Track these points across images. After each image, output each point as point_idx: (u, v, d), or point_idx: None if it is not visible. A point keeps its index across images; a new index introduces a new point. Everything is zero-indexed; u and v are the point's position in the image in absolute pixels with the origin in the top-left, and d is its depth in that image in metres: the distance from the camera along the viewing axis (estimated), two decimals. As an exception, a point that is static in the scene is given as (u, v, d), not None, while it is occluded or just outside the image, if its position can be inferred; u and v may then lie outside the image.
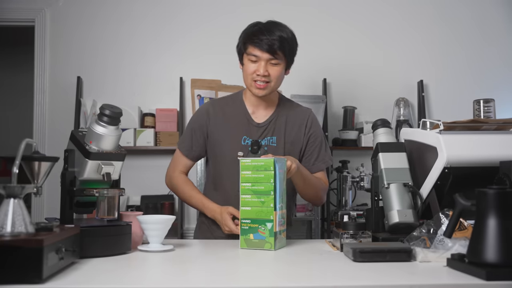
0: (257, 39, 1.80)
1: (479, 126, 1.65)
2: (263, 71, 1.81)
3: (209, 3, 3.69)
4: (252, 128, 1.91)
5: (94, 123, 1.45)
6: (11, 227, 1.10)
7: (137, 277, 1.21)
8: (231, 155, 1.88)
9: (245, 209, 1.55)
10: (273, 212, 1.51)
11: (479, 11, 3.77)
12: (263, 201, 1.53)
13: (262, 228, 1.52)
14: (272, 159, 1.53)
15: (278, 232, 1.54)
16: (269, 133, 1.91)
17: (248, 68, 1.84)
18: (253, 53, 1.81)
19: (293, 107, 2.01)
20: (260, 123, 1.92)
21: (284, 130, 1.93)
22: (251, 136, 1.90)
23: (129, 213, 1.58)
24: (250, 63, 1.83)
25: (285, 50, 1.82)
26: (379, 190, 1.68)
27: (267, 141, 1.90)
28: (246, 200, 1.55)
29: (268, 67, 1.81)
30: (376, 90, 3.67)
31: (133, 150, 3.38)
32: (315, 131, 1.96)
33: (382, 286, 1.12)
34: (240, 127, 1.91)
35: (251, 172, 1.55)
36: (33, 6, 3.66)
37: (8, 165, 5.36)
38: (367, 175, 2.66)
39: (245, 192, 1.56)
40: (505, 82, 3.74)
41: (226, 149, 1.90)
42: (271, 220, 1.51)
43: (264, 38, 1.79)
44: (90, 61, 3.64)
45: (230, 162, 1.87)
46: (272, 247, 1.51)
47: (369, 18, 3.73)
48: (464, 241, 1.32)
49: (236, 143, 1.89)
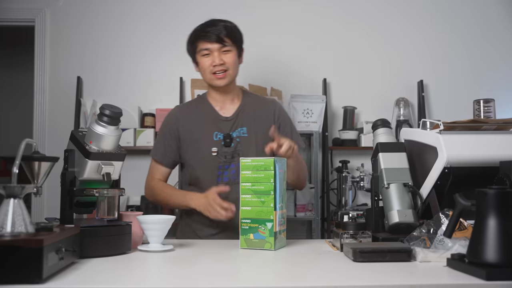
0: (204, 33, 1.92)
1: (479, 126, 1.65)
2: (218, 60, 1.90)
3: (209, 3, 3.69)
4: (221, 123, 1.97)
5: (94, 123, 1.45)
6: (11, 227, 1.10)
7: (137, 277, 1.21)
8: (206, 152, 1.92)
9: (245, 208, 1.55)
10: (273, 212, 1.52)
11: (479, 11, 3.77)
12: (263, 201, 1.53)
13: (262, 228, 1.52)
14: (272, 159, 1.53)
15: (278, 232, 1.54)
16: (239, 125, 1.96)
17: (204, 63, 1.93)
18: (204, 47, 1.91)
19: (259, 99, 2.09)
20: (228, 116, 1.98)
21: (253, 120, 1.98)
22: (222, 131, 1.94)
23: (129, 213, 1.59)
24: (204, 58, 1.93)
25: (232, 37, 1.92)
26: (379, 190, 1.68)
27: (238, 132, 1.95)
28: (246, 200, 1.56)
29: (221, 56, 1.91)
30: (376, 90, 3.67)
31: (133, 150, 3.38)
32: (283, 119, 2.03)
33: (382, 286, 1.12)
34: (210, 124, 1.96)
35: (251, 172, 1.56)
36: (33, 6, 3.65)
37: (8, 165, 5.36)
38: (367, 175, 2.66)
39: (245, 192, 1.56)
40: (505, 82, 3.74)
41: (201, 147, 1.94)
42: (271, 220, 1.51)
43: (210, 29, 1.91)
44: (90, 61, 3.64)
45: (206, 160, 1.92)
46: (272, 247, 1.51)
47: (370, 18, 3.73)
48: (464, 241, 1.32)
49: (209, 140, 1.93)
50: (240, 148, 1.93)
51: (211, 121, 1.97)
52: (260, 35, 3.63)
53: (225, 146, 1.92)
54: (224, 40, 1.91)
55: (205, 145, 1.93)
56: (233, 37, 1.93)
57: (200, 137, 1.95)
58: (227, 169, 1.92)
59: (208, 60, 1.92)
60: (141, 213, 1.58)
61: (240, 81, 3.37)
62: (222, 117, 1.98)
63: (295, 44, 3.68)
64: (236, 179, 1.88)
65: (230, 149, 1.92)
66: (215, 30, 1.90)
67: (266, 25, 3.66)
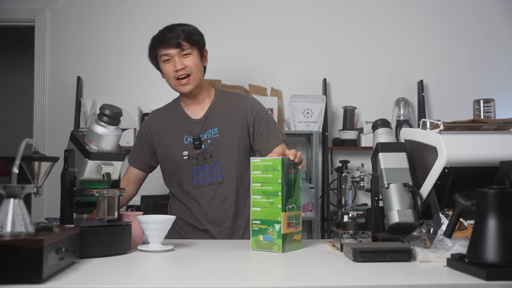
0: (162, 39, 1.92)
1: (479, 126, 1.65)
2: (179, 65, 1.91)
3: (210, 4, 3.69)
4: (191, 125, 1.97)
5: (94, 123, 1.45)
6: (11, 227, 1.10)
7: (137, 277, 1.21)
8: (178, 156, 1.94)
9: (255, 209, 1.54)
10: (281, 213, 1.49)
11: (480, 11, 3.77)
12: (271, 201, 1.50)
13: (271, 230, 1.49)
14: (280, 158, 1.50)
15: (287, 234, 1.50)
16: (209, 126, 1.96)
17: (167, 69, 1.94)
18: (164, 53, 1.92)
19: (230, 96, 2.06)
20: (198, 119, 1.98)
21: (224, 120, 1.97)
22: (192, 133, 1.95)
23: (129, 213, 1.59)
24: (166, 64, 1.94)
25: (190, 40, 1.92)
26: (379, 190, 1.68)
27: (209, 134, 1.95)
28: (256, 200, 1.54)
29: (182, 60, 1.91)
30: (376, 90, 3.67)
31: (133, 150, 3.38)
32: (257, 112, 1.99)
33: (382, 286, 1.12)
34: (180, 128, 1.98)
35: (261, 172, 1.53)
36: (33, 6, 3.65)
37: (8, 165, 5.36)
38: (367, 175, 2.66)
39: (256, 192, 1.54)
40: (505, 82, 3.74)
41: (172, 151, 1.96)
42: (279, 222, 1.48)
43: (168, 35, 1.92)
44: (90, 61, 3.64)
45: (178, 163, 1.94)
46: (279, 249, 1.48)
47: (370, 18, 3.73)
48: (464, 241, 1.32)
49: (180, 144, 1.95)
50: (212, 149, 1.93)
51: (181, 125, 1.99)
52: (259, 35, 3.63)
53: (195, 149, 1.93)
54: (182, 44, 1.90)
55: (176, 149, 1.95)
56: (191, 40, 1.92)
57: (172, 141, 1.97)
58: (200, 171, 1.93)
59: (170, 66, 1.92)
60: (141, 213, 1.57)
61: (240, 81, 3.39)
62: (192, 119, 1.99)
63: (295, 44, 3.67)
64: (210, 181, 1.92)
65: (200, 151, 1.93)
66: (173, 35, 1.91)
67: (266, 25, 3.65)
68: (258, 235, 1.52)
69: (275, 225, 1.48)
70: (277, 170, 1.50)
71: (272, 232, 1.49)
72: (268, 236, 1.50)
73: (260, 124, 1.98)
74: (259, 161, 1.54)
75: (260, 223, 1.52)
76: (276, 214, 1.49)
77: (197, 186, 1.94)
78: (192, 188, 1.94)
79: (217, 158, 1.92)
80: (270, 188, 1.51)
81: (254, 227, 1.53)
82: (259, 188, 1.53)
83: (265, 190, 1.52)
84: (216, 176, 1.92)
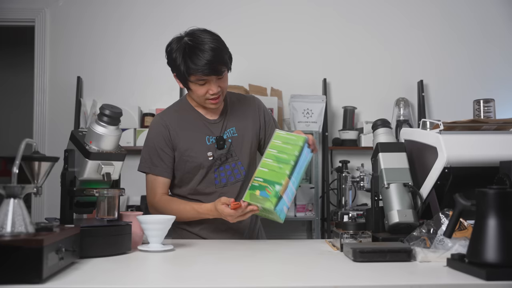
0: (196, 67, 1.74)
1: (479, 126, 1.65)
2: (215, 89, 1.80)
3: (209, 3, 3.69)
4: (210, 126, 1.92)
5: (94, 123, 1.45)
6: (11, 227, 1.10)
7: (137, 277, 1.21)
8: (202, 157, 1.86)
9: (262, 169, 1.61)
10: (286, 178, 1.56)
11: (480, 11, 3.77)
12: (281, 167, 1.59)
13: (270, 189, 1.56)
14: (304, 137, 1.63)
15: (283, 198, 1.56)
16: (228, 126, 1.94)
17: (199, 91, 1.81)
18: (202, 78, 1.77)
19: (239, 97, 2.05)
20: (216, 119, 1.94)
21: (239, 119, 1.96)
22: (213, 134, 1.91)
23: (129, 213, 1.58)
24: (199, 87, 1.80)
25: (224, 61, 1.79)
26: (379, 190, 1.68)
27: (229, 133, 1.93)
28: (267, 163, 1.62)
29: (218, 83, 1.80)
30: (376, 90, 3.67)
31: (133, 150, 3.37)
32: (266, 113, 2.03)
33: (382, 286, 1.12)
34: (200, 129, 1.91)
35: (281, 142, 1.64)
36: (33, 6, 3.65)
37: (8, 165, 5.35)
38: (367, 175, 2.66)
39: (269, 156, 1.63)
40: (506, 82, 3.74)
41: (194, 154, 1.86)
42: (281, 184, 1.56)
43: (200, 62, 1.74)
44: (90, 61, 3.64)
45: (202, 165, 1.86)
46: (272, 206, 1.53)
47: (370, 18, 3.73)
48: (464, 241, 1.32)
49: (202, 145, 1.88)
50: (233, 149, 1.91)
51: (200, 126, 1.91)
52: (259, 35, 3.64)
53: (219, 149, 1.88)
54: (220, 70, 1.78)
55: (199, 150, 1.87)
56: (225, 60, 1.80)
57: (194, 143, 1.88)
58: (222, 170, 1.89)
59: (204, 88, 1.80)
60: (141, 213, 1.57)
61: (240, 81, 3.39)
62: (210, 120, 1.93)
63: (295, 44, 3.68)
64: (233, 179, 1.90)
65: (224, 151, 1.88)
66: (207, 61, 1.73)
67: (266, 25, 3.66)
68: (256, 190, 1.58)
69: (276, 186, 1.56)
70: (298, 145, 1.61)
71: (271, 191, 1.56)
72: (266, 192, 1.56)
73: (269, 124, 2.01)
74: (283, 133, 1.67)
75: (263, 181, 1.59)
76: (281, 177, 1.57)
77: (221, 186, 1.89)
78: (215, 188, 1.88)
79: (238, 156, 1.90)
80: (284, 156, 1.60)
81: (254, 183, 1.59)
82: (274, 153, 1.62)
83: (279, 157, 1.61)
84: (240, 174, 1.90)
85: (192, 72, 1.76)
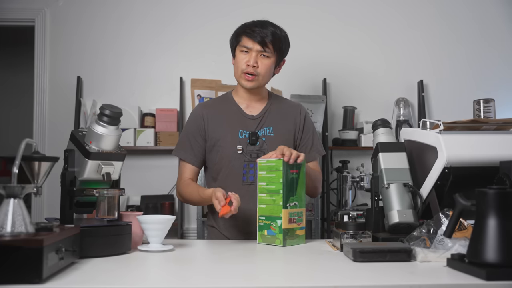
0: (250, 31, 1.87)
1: (479, 126, 1.65)
2: (253, 61, 1.86)
3: (209, 3, 3.69)
4: (247, 121, 1.93)
5: (94, 123, 1.45)
6: (11, 227, 1.10)
7: (137, 277, 1.21)
8: (231, 150, 1.89)
9: (261, 206, 1.66)
10: (282, 210, 1.59)
11: (480, 11, 3.77)
12: (274, 199, 1.62)
13: (274, 225, 1.60)
14: (281, 160, 1.61)
15: (288, 229, 1.60)
16: (265, 124, 1.94)
17: (239, 59, 1.90)
18: (245, 44, 1.88)
19: (284, 100, 2.07)
20: (255, 115, 1.95)
21: (279, 120, 1.96)
22: (247, 129, 1.92)
23: (129, 213, 1.58)
24: (242, 54, 1.89)
25: (275, 45, 1.88)
26: (379, 190, 1.68)
27: (264, 131, 1.93)
28: (262, 198, 1.66)
29: (258, 58, 1.88)
30: (376, 90, 3.67)
31: (133, 150, 3.38)
32: (307, 123, 2.02)
33: (382, 286, 1.12)
34: (235, 122, 1.93)
35: (266, 172, 1.65)
36: (33, 6, 3.66)
37: (8, 165, 5.35)
38: (367, 175, 2.66)
39: (262, 191, 1.66)
40: (505, 82, 3.74)
41: (225, 144, 1.90)
42: (280, 218, 1.59)
43: (257, 30, 1.86)
44: (90, 61, 3.64)
45: (231, 158, 1.89)
46: (280, 243, 1.58)
47: (369, 18, 3.73)
48: (464, 241, 1.32)
49: (234, 138, 1.90)
50: (266, 148, 1.89)
51: (236, 119, 1.93)
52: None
53: (251, 144, 1.89)
54: (267, 45, 1.86)
55: (229, 142, 1.89)
56: (276, 45, 1.88)
57: (226, 135, 1.91)
58: (252, 167, 1.88)
59: (245, 57, 1.87)
60: (141, 213, 1.57)
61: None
62: (248, 115, 1.94)
63: (295, 44, 3.66)
64: None
65: (255, 147, 1.89)
66: (262, 32, 1.85)
67: (266, 25, 3.65)
68: (263, 230, 1.63)
69: (277, 221, 1.60)
70: (279, 170, 1.61)
71: (275, 227, 1.60)
72: (271, 231, 1.61)
73: (307, 134, 1.99)
74: (264, 162, 1.66)
75: (265, 219, 1.64)
76: (278, 210, 1.60)
77: (248, 183, 1.87)
78: (242, 184, 1.87)
79: None
80: (273, 187, 1.62)
81: (260, 223, 1.65)
82: (264, 187, 1.65)
83: (269, 188, 1.64)
84: None
85: (242, 33, 1.89)
